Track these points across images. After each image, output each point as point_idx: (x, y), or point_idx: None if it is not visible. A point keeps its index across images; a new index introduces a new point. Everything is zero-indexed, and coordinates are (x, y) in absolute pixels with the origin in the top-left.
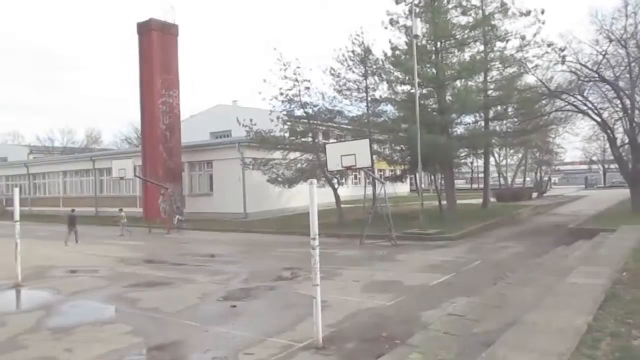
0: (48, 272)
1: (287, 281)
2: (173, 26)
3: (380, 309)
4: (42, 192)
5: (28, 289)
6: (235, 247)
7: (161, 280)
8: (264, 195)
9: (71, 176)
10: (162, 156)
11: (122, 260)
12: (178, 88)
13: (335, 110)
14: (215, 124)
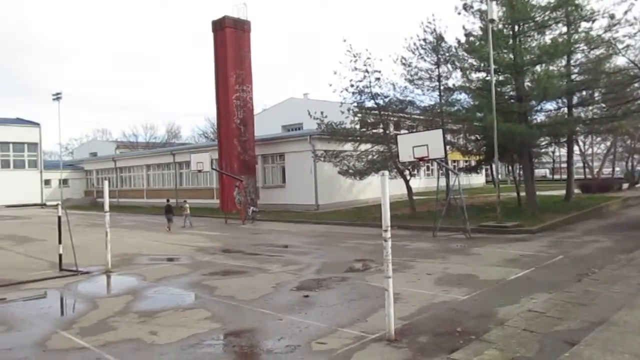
0: (134, 260)
1: (358, 273)
2: (245, 22)
3: (454, 303)
4: (127, 184)
5: (117, 275)
6: (307, 238)
7: (237, 269)
8: (335, 187)
9: (154, 169)
10: (236, 149)
11: (200, 250)
12: (251, 83)
13: (407, 100)
14: (287, 117)
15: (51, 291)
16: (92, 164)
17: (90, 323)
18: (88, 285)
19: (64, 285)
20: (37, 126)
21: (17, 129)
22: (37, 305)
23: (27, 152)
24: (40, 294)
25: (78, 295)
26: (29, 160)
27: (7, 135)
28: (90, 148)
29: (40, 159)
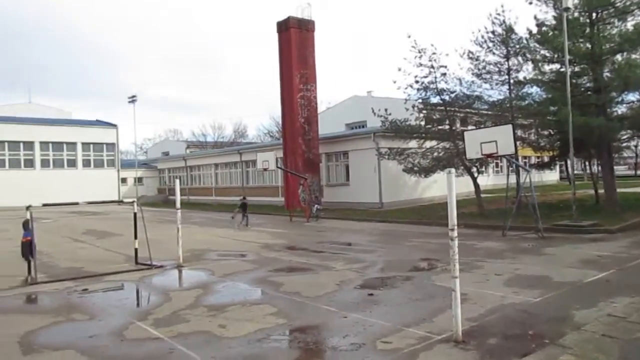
0: (204, 255)
1: (424, 272)
2: (310, 22)
3: (525, 305)
4: (197, 182)
5: (188, 270)
6: (371, 236)
7: (302, 266)
8: (399, 185)
9: (221, 168)
10: (301, 148)
11: (266, 246)
12: (315, 82)
13: (474, 95)
14: (350, 115)
15: (128, 283)
16: (164, 163)
17: (164, 315)
18: (161, 279)
19: (139, 278)
20: (115, 127)
21: (97, 130)
22: (116, 297)
23: (106, 152)
24: (118, 285)
25: (152, 288)
26: (107, 160)
27: (88, 137)
28: (163, 147)
29: (117, 158)
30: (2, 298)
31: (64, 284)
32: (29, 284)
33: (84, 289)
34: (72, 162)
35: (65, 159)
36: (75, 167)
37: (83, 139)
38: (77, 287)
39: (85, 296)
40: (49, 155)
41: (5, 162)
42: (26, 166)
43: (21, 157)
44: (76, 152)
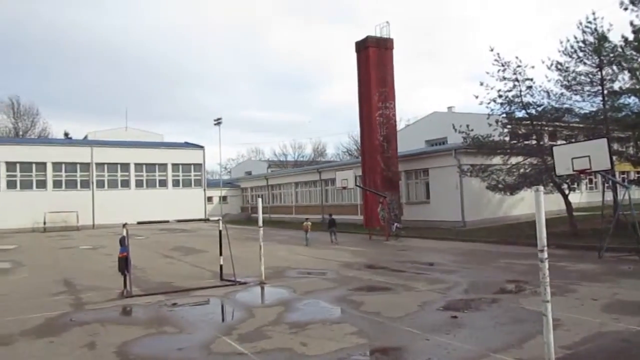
0: (285, 273)
1: (511, 294)
2: (388, 40)
3: (627, 333)
4: (278, 201)
5: (270, 287)
6: (453, 256)
7: (382, 286)
8: (483, 203)
9: (301, 187)
10: (380, 166)
11: (345, 265)
12: (394, 99)
13: (563, 108)
14: (430, 132)
15: (213, 299)
16: (247, 182)
17: (248, 330)
18: (245, 295)
19: (224, 294)
20: (201, 149)
21: (186, 152)
22: (202, 311)
23: (193, 173)
24: (204, 300)
25: (236, 303)
26: (194, 180)
27: (177, 158)
28: (246, 167)
29: (203, 178)
30: (101, 310)
31: (156, 297)
32: (124, 297)
33: (173, 303)
34: (163, 182)
35: (157, 179)
36: (166, 187)
37: (173, 161)
38: (168, 301)
39: (175, 310)
40: (142, 176)
41: (104, 183)
42: (123, 186)
43: (118, 178)
44: (167, 172)
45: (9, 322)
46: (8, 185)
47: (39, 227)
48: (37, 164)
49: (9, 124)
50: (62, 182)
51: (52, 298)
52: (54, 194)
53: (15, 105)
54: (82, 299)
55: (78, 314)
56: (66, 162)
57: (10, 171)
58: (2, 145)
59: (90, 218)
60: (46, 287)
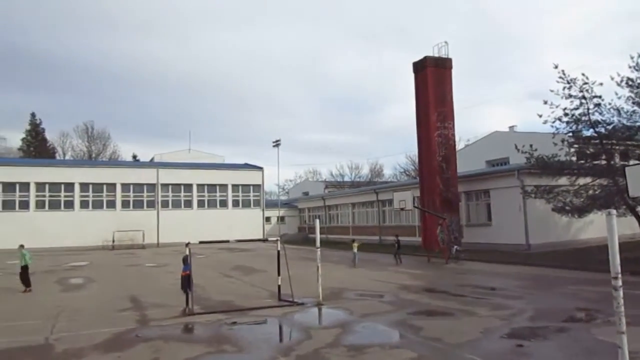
0: (342, 294)
1: (581, 323)
2: (447, 60)
3: None
4: (335, 221)
5: (327, 308)
6: (517, 281)
7: (442, 310)
8: (548, 226)
9: (358, 207)
10: (439, 187)
11: (404, 288)
12: (453, 119)
13: (636, 126)
14: (491, 152)
15: (271, 319)
16: (304, 203)
17: (306, 352)
18: (302, 316)
19: (282, 314)
20: (260, 170)
21: (245, 172)
22: (261, 331)
23: (252, 193)
24: (262, 320)
25: (294, 324)
26: (253, 200)
27: (237, 179)
28: (303, 188)
29: (262, 198)
30: (165, 326)
31: (216, 316)
32: (186, 315)
33: (233, 322)
34: (223, 202)
35: (218, 200)
36: (226, 207)
37: (233, 181)
38: (227, 319)
39: (234, 329)
40: (204, 196)
41: (169, 203)
42: (185, 206)
43: (182, 198)
44: (227, 193)
45: (81, 335)
46: (81, 205)
47: (108, 245)
48: (108, 184)
49: (83, 147)
50: (130, 202)
51: (119, 313)
52: (122, 214)
53: (89, 130)
54: (146, 315)
55: (143, 330)
56: (134, 183)
57: (84, 192)
58: (77, 168)
59: (155, 237)
60: (114, 302)
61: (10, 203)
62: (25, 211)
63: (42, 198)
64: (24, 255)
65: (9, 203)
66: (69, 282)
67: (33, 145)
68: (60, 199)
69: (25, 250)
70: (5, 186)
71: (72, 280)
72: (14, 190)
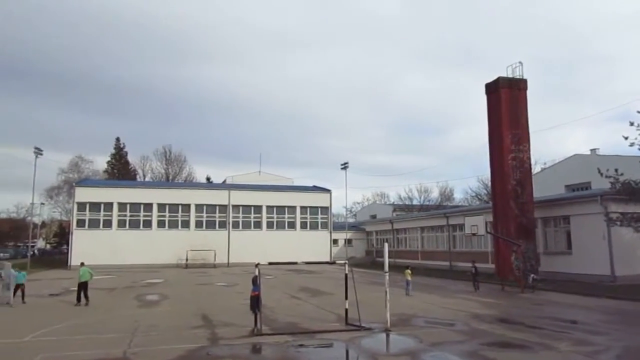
0: (411, 321)
1: None
2: (521, 81)
3: None
4: (403, 245)
5: (395, 334)
6: (600, 315)
7: (518, 343)
8: (636, 256)
9: (427, 232)
10: (513, 212)
11: (476, 317)
12: (528, 141)
13: None
14: (571, 176)
15: (338, 343)
16: (371, 226)
17: None
18: (369, 342)
19: (349, 338)
20: (329, 192)
21: (313, 195)
22: (327, 354)
23: (320, 215)
24: (329, 344)
25: (361, 349)
26: (321, 222)
27: (305, 201)
28: (371, 211)
29: (330, 221)
30: (234, 346)
31: (284, 337)
32: (255, 335)
33: (300, 344)
34: (291, 224)
35: (286, 221)
36: (294, 229)
37: (301, 203)
38: (294, 341)
39: (301, 351)
40: (273, 217)
41: (239, 224)
42: (255, 227)
43: (252, 219)
44: (295, 215)
45: (156, 351)
46: (158, 225)
47: (181, 263)
48: (183, 205)
49: (161, 169)
50: (203, 222)
51: (191, 331)
52: (196, 234)
53: (167, 153)
54: (217, 333)
55: (213, 348)
56: (207, 204)
57: (161, 212)
58: (155, 189)
59: (226, 256)
60: (186, 320)
61: (95, 222)
62: (109, 229)
63: (124, 217)
64: (84, 272)
65: (93, 222)
66: (145, 298)
67: (117, 168)
68: (139, 218)
69: (86, 267)
70: (91, 206)
71: (149, 296)
72: (99, 210)
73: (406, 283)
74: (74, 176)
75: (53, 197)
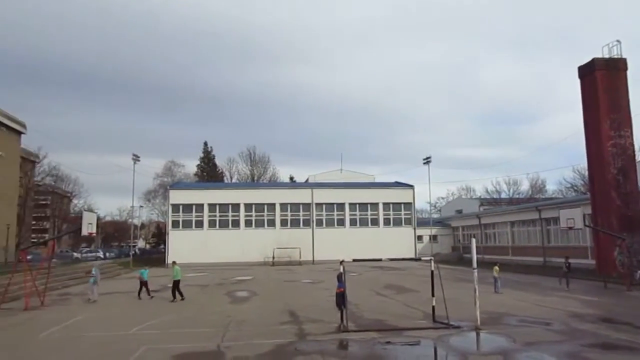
0: (502, 319)
1: None
2: (620, 61)
3: None
4: (492, 241)
5: (486, 333)
6: None
7: (625, 345)
8: None
9: (518, 226)
10: (615, 203)
11: (575, 316)
12: (630, 126)
13: None
14: None
15: (425, 340)
16: (457, 221)
17: None
18: (458, 340)
19: (437, 336)
20: (411, 188)
21: (395, 191)
22: (414, 352)
23: (403, 211)
24: (416, 341)
25: (450, 348)
26: (404, 218)
27: (388, 197)
28: (456, 206)
29: (413, 217)
30: (321, 342)
31: (370, 334)
32: (341, 331)
33: (387, 341)
34: (374, 220)
35: (369, 218)
36: (377, 226)
37: (384, 200)
38: (381, 338)
39: (388, 348)
40: (356, 214)
41: (322, 222)
42: (338, 225)
43: (335, 217)
44: (378, 211)
45: (247, 345)
46: (246, 224)
47: (268, 261)
48: (268, 204)
49: (247, 170)
50: (287, 221)
51: (280, 327)
52: (281, 232)
53: (251, 155)
54: (304, 329)
55: (301, 343)
56: (291, 202)
57: (248, 211)
58: (242, 190)
59: (310, 254)
60: (274, 315)
61: (188, 222)
62: (200, 229)
63: (214, 218)
64: (177, 270)
65: (186, 222)
66: (236, 294)
67: (206, 171)
68: (228, 218)
69: (177, 267)
70: (184, 207)
71: (239, 293)
72: (191, 211)
73: (494, 280)
74: (168, 180)
75: (150, 200)
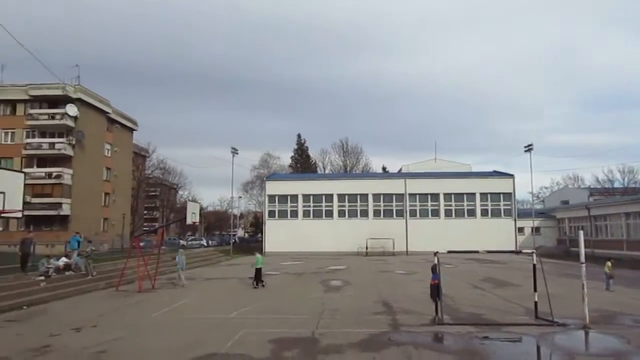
0: (615, 319)
1: None
2: None
3: None
4: (603, 234)
5: (596, 333)
6: None
7: None
8: None
9: (634, 218)
10: None
11: None
12: None
13: None
14: None
15: (526, 337)
16: (563, 212)
17: None
18: (564, 338)
19: (539, 334)
20: (511, 177)
21: (494, 181)
22: (515, 349)
23: (503, 202)
24: (517, 338)
25: (554, 347)
26: (504, 209)
27: (485, 187)
28: (561, 196)
29: (513, 207)
30: (415, 333)
31: (466, 328)
32: (436, 324)
33: (484, 336)
34: (471, 211)
35: (465, 209)
36: (474, 217)
37: (481, 190)
38: (478, 333)
39: (486, 343)
40: (451, 205)
41: (416, 212)
42: (433, 215)
43: (429, 207)
44: (475, 202)
45: (340, 333)
46: (339, 214)
47: (361, 251)
48: (361, 195)
49: (339, 161)
50: (380, 211)
51: (373, 317)
52: (374, 222)
53: (344, 146)
54: (397, 320)
55: (395, 334)
56: (384, 193)
57: (341, 202)
58: (335, 180)
59: (404, 245)
60: (368, 305)
61: (283, 212)
62: (295, 219)
63: (308, 208)
64: (259, 259)
65: (282, 212)
66: (330, 283)
67: (299, 162)
68: (321, 208)
69: (259, 255)
70: (279, 198)
71: (333, 282)
72: (286, 202)
73: (606, 276)
74: (264, 171)
75: (248, 191)
